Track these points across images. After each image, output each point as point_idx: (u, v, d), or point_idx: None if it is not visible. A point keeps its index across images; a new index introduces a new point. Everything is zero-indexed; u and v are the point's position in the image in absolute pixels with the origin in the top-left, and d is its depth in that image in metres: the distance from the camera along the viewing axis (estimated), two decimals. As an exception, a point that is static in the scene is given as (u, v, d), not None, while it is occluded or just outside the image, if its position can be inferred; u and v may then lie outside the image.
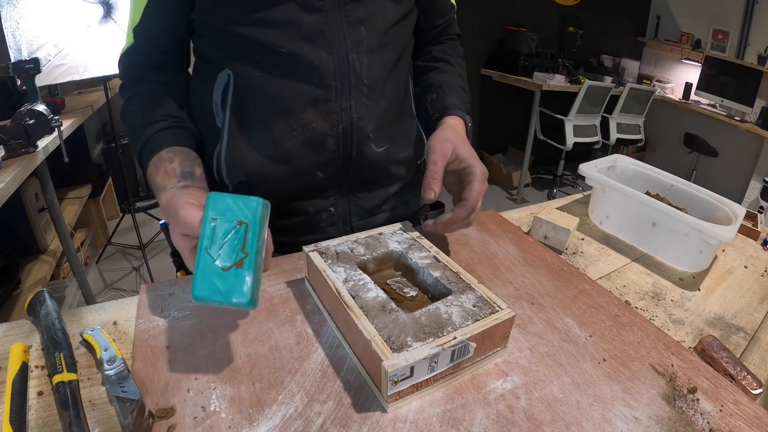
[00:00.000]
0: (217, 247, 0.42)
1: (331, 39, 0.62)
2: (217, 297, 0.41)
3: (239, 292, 0.41)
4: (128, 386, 0.41)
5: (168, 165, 0.56)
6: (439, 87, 0.76)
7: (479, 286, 0.51)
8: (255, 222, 0.42)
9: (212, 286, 0.41)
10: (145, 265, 2.30)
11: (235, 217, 0.43)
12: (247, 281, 0.41)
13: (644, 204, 0.79)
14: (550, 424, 0.42)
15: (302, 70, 0.62)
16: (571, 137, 3.48)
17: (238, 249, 0.41)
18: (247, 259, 0.41)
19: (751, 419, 0.44)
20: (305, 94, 0.63)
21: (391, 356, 0.41)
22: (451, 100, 0.74)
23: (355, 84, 0.65)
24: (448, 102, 0.74)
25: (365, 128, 0.67)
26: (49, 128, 1.35)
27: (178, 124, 0.63)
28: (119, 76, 0.68)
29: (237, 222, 0.42)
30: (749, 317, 0.65)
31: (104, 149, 2.76)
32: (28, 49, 1.46)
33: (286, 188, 0.68)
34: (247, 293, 0.41)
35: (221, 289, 0.41)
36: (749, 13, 3.67)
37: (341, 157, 0.67)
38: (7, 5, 1.39)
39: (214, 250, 0.41)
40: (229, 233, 0.42)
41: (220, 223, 0.42)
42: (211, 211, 0.43)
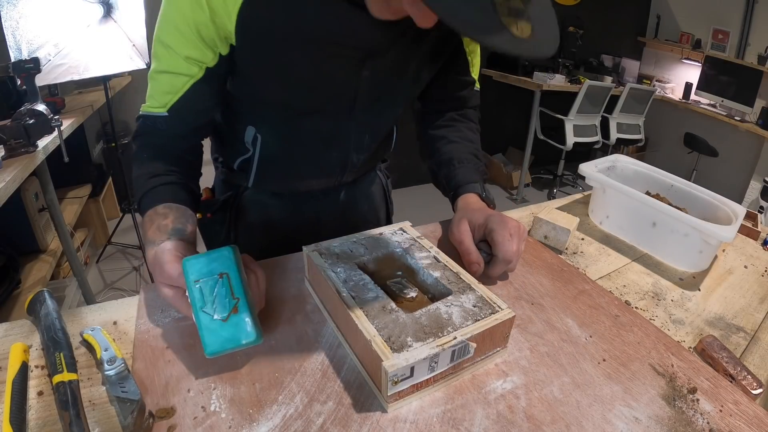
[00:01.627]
0: (210, 303, 0.45)
1: (340, 141, 0.74)
2: (228, 345, 0.44)
3: (245, 333, 0.44)
4: (128, 386, 0.41)
5: (161, 221, 0.58)
6: (449, 161, 0.77)
7: (479, 286, 0.51)
8: (232, 268, 0.47)
9: (220, 339, 0.44)
10: (145, 265, 2.30)
11: (214, 271, 0.47)
12: (248, 322, 0.45)
13: (644, 204, 0.79)
14: (550, 424, 0.42)
15: (315, 162, 0.77)
16: (571, 137, 3.47)
17: (229, 296, 0.46)
18: (239, 303, 0.46)
19: (751, 419, 0.44)
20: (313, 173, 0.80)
21: (391, 356, 0.41)
22: (462, 174, 0.75)
23: (349, 169, 0.80)
24: (460, 178, 0.75)
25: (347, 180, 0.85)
26: (49, 128, 1.35)
27: (180, 181, 0.64)
28: (137, 126, 0.67)
29: (218, 275, 0.47)
30: (749, 317, 0.65)
31: (104, 149, 2.76)
32: (28, 49, 1.46)
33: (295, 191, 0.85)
34: (251, 332, 0.45)
35: (229, 338, 0.44)
36: (749, 13, 3.66)
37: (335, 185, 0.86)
38: (7, 5, 1.39)
39: (209, 308, 0.45)
40: (215, 288, 0.46)
41: (204, 282, 0.47)
42: (191, 276, 0.47)
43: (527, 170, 3.71)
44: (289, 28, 0.57)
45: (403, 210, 1.05)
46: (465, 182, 0.75)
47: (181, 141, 0.67)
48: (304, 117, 0.70)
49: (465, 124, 0.83)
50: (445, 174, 0.77)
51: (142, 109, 0.65)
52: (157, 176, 0.62)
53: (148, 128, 0.66)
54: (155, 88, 0.62)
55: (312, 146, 0.74)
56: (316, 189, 0.83)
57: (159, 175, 0.63)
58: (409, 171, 2.51)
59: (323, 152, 0.75)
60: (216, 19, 0.55)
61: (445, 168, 0.77)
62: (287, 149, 0.75)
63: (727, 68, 3.70)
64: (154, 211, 0.59)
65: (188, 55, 0.58)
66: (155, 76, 0.62)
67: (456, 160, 0.77)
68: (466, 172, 0.76)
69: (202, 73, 0.60)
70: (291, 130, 0.72)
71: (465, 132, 0.81)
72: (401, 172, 1.92)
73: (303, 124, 0.71)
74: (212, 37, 0.57)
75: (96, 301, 1.99)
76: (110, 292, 2.19)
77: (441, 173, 0.78)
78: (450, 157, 0.77)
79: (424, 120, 0.85)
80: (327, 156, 0.76)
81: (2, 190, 1.11)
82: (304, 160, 0.77)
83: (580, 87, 3.36)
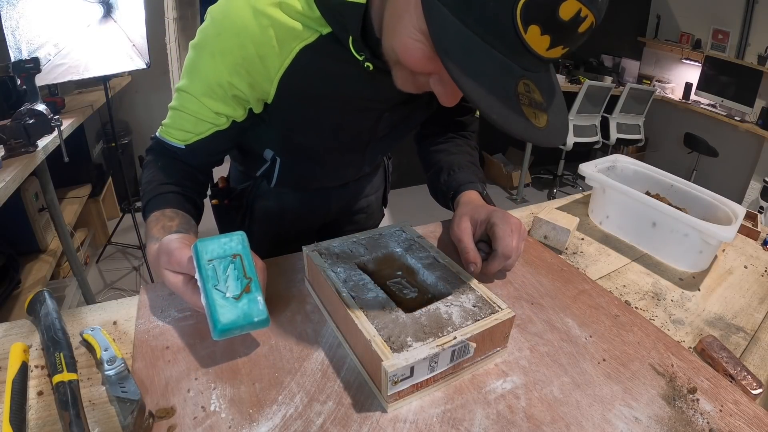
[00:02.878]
0: (223, 282, 0.46)
1: (355, 167, 0.83)
2: (241, 321, 0.44)
3: (257, 311, 0.45)
4: (128, 386, 0.41)
5: (167, 222, 0.59)
6: (449, 168, 0.79)
7: (479, 286, 0.51)
8: (246, 250, 0.48)
9: (230, 319, 0.44)
10: (145, 265, 2.30)
11: (227, 252, 0.47)
12: (260, 300, 0.45)
13: (644, 204, 0.79)
14: (550, 424, 0.42)
15: (331, 176, 0.85)
16: (571, 137, 3.47)
17: (242, 277, 0.46)
18: (252, 282, 0.46)
19: (751, 419, 0.44)
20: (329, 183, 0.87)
21: (391, 356, 0.41)
22: (462, 177, 0.77)
23: (362, 174, 0.89)
24: (460, 179, 0.77)
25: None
26: (49, 128, 1.35)
27: (189, 195, 0.66)
28: (152, 142, 0.68)
29: (231, 256, 0.47)
30: (749, 317, 0.65)
31: (104, 149, 2.76)
32: (28, 49, 1.46)
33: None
34: (263, 310, 0.45)
35: (241, 315, 0.44)
36: (749, 13, 3.66)
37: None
38: (7, 5, 1.39)
39: (221, 286, 0.46)
40: (228, 268, 0.47)
41: (217, 262, 0.47)
42: (205, 255, 0.47)
43: (527, 170, 3.71)
44: (325, 90, 0.61)
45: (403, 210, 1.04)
46: (466, 182, 0.76)
47: (194, 166, 0.69)
48: (323, 149, 0.75)
49: (464, 140, 0.86)
50: (444, 179, 0.79)
51: (159, 132, 0.66)
52: (168, 184, 0.64)
53: (164, 149, 0.67)
54: (176, 122, 0.63)
55: (330, 166, 0.81)
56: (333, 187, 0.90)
57: (169, 184, 0.64)
58: (409, 171, 2.51)
59: (341, 170, 0.83)
60: (255, 86, 0.59)
61: (445, 174, 0.79)
62: (306, 170, 0.81)
63: (727, 68, 3.70)
64: (161, 213, 0.60)
65: (218, 111, 0.60)
66: (178, 112, 0.62)
67: (456, 166, 0.79)
68: (466, 175, 0.78)
69: (228, 125, 0.63)
70: (310, 158, 0.78)
71: (464, 147, 0.84)
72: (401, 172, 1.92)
73: (322, 155, 0.77)
74: (247, 99, 0.60)
75: (96, 301, 1.99)
76: (110, 292, 2.19)
77: (440, 179, 0.80)
78: (450, 164, 0.80)
79: (424, 140, 0.89)
80: (343, 171, 0.84)
81: (2, 190, 1.11)
82: (322, 174, 0.83)
83: (580, 87, 3.36)
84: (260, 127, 0.70)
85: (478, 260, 0.62)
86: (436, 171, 0.82)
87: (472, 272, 0.62)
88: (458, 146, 0.84)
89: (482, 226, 0.66)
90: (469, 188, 0.75)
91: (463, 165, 0.79)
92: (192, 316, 0.53)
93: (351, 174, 0.87)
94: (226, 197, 0.88)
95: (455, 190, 0.76)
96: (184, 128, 0.63)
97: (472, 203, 0.71)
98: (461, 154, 0.82)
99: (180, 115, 0.62)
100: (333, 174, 0.84)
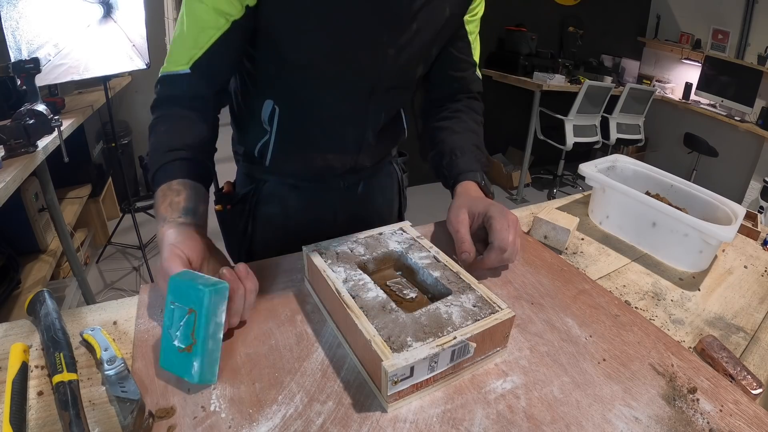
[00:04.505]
0: (174, 328, 0.45)
1: (357, 120, 0.76)
2: (175, 371, 0.45)
3: (189, 374, 0.44)
4: (128, 386, 0.41)
5: (174, 197, 0.58)
6: (452, 151, 0.78)
7: (479, 286, 0.51)
8: (201, 311, 0.44)
9: (172, 362, 0.45)
10: (145, 265, 2.30)
11: (187, 304, 0.45)
12: (195, 366, 0.43)
13: (644, 204, 0.79)
14: (550, 424, 0.42)
15: (331, 138, 0.78)
16: (571, 137, 3.47)
17: (189, 335, 0.45)
18: (195, 345, 0.44)
19: (751, 419, 0.44)
20: (327, 148, 0.79)
21: (391, 356, 0.41)
22: (464, 163, 0.76)
23: (364, 149, 0.81)
24: (461, 166, 0.75)
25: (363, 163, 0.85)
26: (49, 128, 1.35)
27: (196, 158, 0.64)
28: (156, 92, 0.68)
29: (188, 309, 0.45)
30: (749, 317, 0.65)
31: (104, 149, 2.76)
32: (28, 49, 1.46)
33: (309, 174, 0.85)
34: (195, 376, 0.44)
35: (178, 366, 0.45)
36: (749, 13, 3.67)
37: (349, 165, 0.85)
38: (7, 5, 1.39)
39: (173, 331, 0.45)
40: (182, 318, 0.45)
41: (177, 307, 0.46)
42: (170, 295, 0.46)
43: (527, 170, 3.71)
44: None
45: (402, 209, 1.05)
46: (466, 170, 0.75)
47: (201, 107, 0.67)
48: (324, 90, 0.71)
49: (469, 115, 0.83)
50: (447, 163, 0.78)
51: (162, 71, 0.65)
52: (174, 151, 0.62)
53: (168, 96, 0.66)
54: (178, 47, 0.63)
55: (329, 123, 0.76)
56: (336, 167, 0.83)
57: (175, 150, 0.62)
58: (410, 171, 2.51)
59: (340, 128, 0.77)
60: None
61: (447, 158, 0.78)
62: (305, 124, 0.76)
63: (727, 68, 3.70)
64: (168, 186, 0.60)
65: (217, 7, 0.59)
66: (179, 36, 0.63)
67: (458, 150, 0.77)
68: (467, 161, 0.76)
69: (228, 26, 0.61)
70: (310, 104, 0.73)
71: (469, 123, 0.82)
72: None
73: (323, 99, 0.72)
74: None
75: (96, 301, 1.99)
76: (110, 292, 2.19)
77: (443, 163, 0.78)
78: (452, 147, 0.78)
79: (428, 114, 0.86)
80: (343, 132, 0.78)
81: (2, 190, 1.11)
82: (322, 136, 0.78)
83: (580, 87, 3.36)
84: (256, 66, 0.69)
85: (472, 250, 0.62)
86: (439, 152, 0.80)
87: (465, 260, 0.62)
88: (463, 123, 0.81)
89: (479, 218, 0.66)
90: (468, 177, 0.74)
91: (466, 149, 0.78)
92: (192, 316, 0.53)
93: (352, 137, 0.79)
94: (229, 202, 0.87)
95: (455, 179, 0.75)
96: (187, 46, 0.62)
97: (470, 194, 0.71)
98: (465, 134, 0.80)
99: (180, 39, 0.63)
100: (331, 137, 0.78)
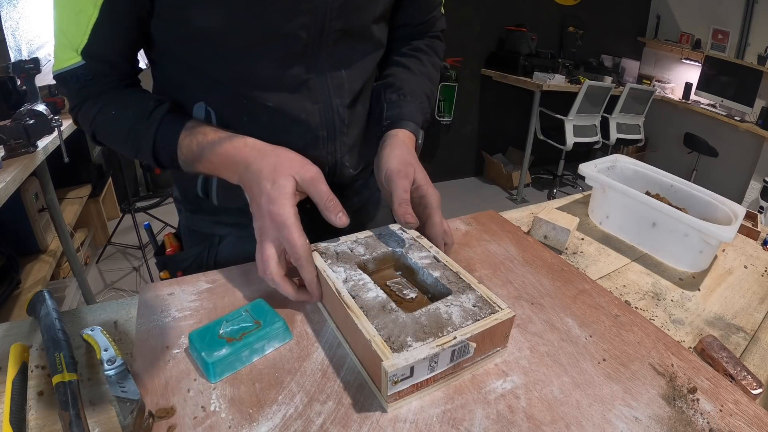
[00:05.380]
0: (231, 323, 0.48)
1: (315, 87, 0.60)
2: (197, 347, 0.45)
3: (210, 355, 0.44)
4: (128, 386, 0.41)
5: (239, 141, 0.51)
6: (400, 89, 0.68)
7: (479, 286, 0.51)
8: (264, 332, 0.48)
9: (202, 339, 0.46)
10: (145, 265, 2.30)
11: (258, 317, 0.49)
12: (222, 352, 0.45)
13: (644, 204, 0.79)
14: (550, 424, 0.42)
15: (288, 122, 0.60)
16: (571, 137, 3.48)
17: (239, 333, 0.47)
18: (235, 342, 0.46)
19: (751, 419, 0.44)
20: (292, 145, 0.57)
21: (391, 356, 0.41)
22: (409, 109, 0.66)
23: (338, 128, 0.64)
24: (406, 111, 0.66)
25: (344, 161, 0.68)
26: (49, 128, 1.35)
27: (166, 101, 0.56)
28: (68, 95, 0.58)
29: (255, 320, 0.49)
30: (749, 317, 0.65)
31: (104, 149, 2.76)
32: (28, 49, 1.46)
33: None
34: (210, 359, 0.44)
35: (202, 344, 0.45)
36: (749, 13, 3.67)
37: None
38: (7, 5, 1.39)
39: (227, 324, 0.48)
40: (244, 321, 0.48)
41: (247, 315, 0.49)
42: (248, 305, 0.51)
43: (527, 170, 3.71)
44: None
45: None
46: (410, 118, 0.66)
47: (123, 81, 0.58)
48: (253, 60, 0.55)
49: (430, 57, 0.74)
50: (390, 100, 0.67)
51: (53, 70, 0.55)
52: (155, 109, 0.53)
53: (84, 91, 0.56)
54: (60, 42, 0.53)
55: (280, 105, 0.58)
56: None
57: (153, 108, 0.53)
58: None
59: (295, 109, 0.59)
60: None
61: (394, 94, 0.68)
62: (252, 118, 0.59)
63: (727, 68, 3.71)
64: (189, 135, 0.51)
65: None
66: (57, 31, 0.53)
67: (408, 92, 0.68)
68: (412, 110, 0.67)
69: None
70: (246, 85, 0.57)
71: (428, 67, 0.73)
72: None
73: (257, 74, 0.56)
74: None
75: (96, 301, 1.99)
76: (110, 292, 2.19)
77: (386, 95, 0.68)
78: (401, 86, 0.68)
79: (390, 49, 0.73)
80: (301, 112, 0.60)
81: (2, 190, 1.11)
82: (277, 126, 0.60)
83: (580, 87, 3.36)
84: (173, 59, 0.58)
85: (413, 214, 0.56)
86: (387, 84, 0.69)
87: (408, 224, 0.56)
88: (421, 65, 0.72)
89: (415, 192, 0.59)
90: (409, 128, 0.65)
91: (416, 93, 0.68)
92: (192, 316, 0.53)
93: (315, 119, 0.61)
94: (179, 268, 0.70)
95: (393, 120, 0.65)
96: (69, 37, 0.52)
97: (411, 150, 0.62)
98: (420, 77, 0.70)
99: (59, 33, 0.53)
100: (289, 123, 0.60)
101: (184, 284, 0.58)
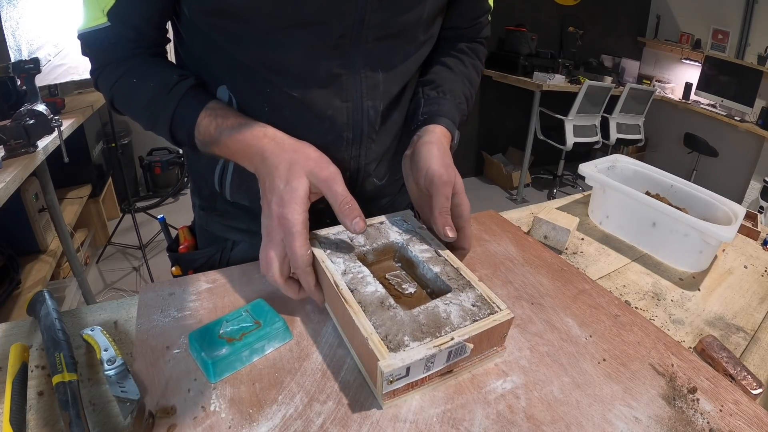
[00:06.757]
0: (231, 324, 0.48)
1: (347, 85, 0.56)
2: (196, 347, 0.45)
3: (210, 355, 0.44)
4: (128, 386, 0.41)
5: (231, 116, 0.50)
6: (440, 86, 0.66)
7: (479, 284, 0.51)
8: (264, 331, 0.48)
9: (201, 339, 0.46)
10: (145, 265, 2.30)
11: (258, 317, 0.50)
12: (222, 351, 0.45)
13: (644, 204, 0.79)
14: (550, 424, 0.42)
15: (312, 117, 0.57)
16: (571, 137, 3.48)
17: (239, 333, 0.47)
18: (235, 342, 0.46)
19: (751, 419, 0.44)
20: (313, 141, 0.53)
21: (387, 356, 0.40)
22: (448, 107, 0.64)
23: (367, 132, 0.60)
24: (444, 108, 0.63)
25: (370, 169, 0.65)
26: (49, 128, 1.35)
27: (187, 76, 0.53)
28: (90, 57, 0.55)
29: (255, 320, 0.49)
30: (749, 317, 0.65)
31: (104, 149, 2.76)
32: (28, 49, 1.46)
33: None
34: (210, 359, 0.44)
35: (202, 345, 0.45)
36: (749, 13, 3.67)
37: None
38: (7, 5, 1.39)
39: (227, 325, 0.48)
40: (244, 321, 0.49)
41: (248, 315, 0.50)
42: (248, 305, 0.51)
43: (527, 170, 3.71)
44: None
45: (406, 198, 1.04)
46: (448, 116, 0.63)
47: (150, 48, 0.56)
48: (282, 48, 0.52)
49: (472, 60, 0.72)
50: (428, 94, 0.65)
51: (79, 30, 0.53)
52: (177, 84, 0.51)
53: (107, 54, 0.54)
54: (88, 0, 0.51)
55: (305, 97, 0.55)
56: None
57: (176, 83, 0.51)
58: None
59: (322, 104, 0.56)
60: None
61: (432, 91, 0.65)
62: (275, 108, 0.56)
63: (727, 68, 3.71)
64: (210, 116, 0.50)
65: None
66: None
67: (448, 90, 0.65)
68: (452, 107, 0.64)
69: None
70: (273, 74, 0.54)
71: (469, 69, 0.71)
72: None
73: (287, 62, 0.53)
74: None
75: (96, 301, 1.99)
76: (110, 292, 2.19)
77: (425, 91, 0.65)
78: (443, 83, 0.66)
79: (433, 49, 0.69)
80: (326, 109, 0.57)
81: (2, 190, 1.11)
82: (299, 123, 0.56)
83: (580, 87, 3.36)
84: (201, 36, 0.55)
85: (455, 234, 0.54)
86: (427, 80, 0.67)
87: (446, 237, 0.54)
88: (463, 66, 0.70)
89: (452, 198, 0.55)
90: (446, 125, 0.61)
91: (456, 92, 0.66)
92: (192, 316, 0.53)
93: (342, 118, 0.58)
94: (191, 266, 0.69)
95: (430, 115, 0.62)
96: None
97: (448, 151, 0.59)
98: (460, 78, 0.68)
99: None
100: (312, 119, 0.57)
101: (184, 284, 0.58)
